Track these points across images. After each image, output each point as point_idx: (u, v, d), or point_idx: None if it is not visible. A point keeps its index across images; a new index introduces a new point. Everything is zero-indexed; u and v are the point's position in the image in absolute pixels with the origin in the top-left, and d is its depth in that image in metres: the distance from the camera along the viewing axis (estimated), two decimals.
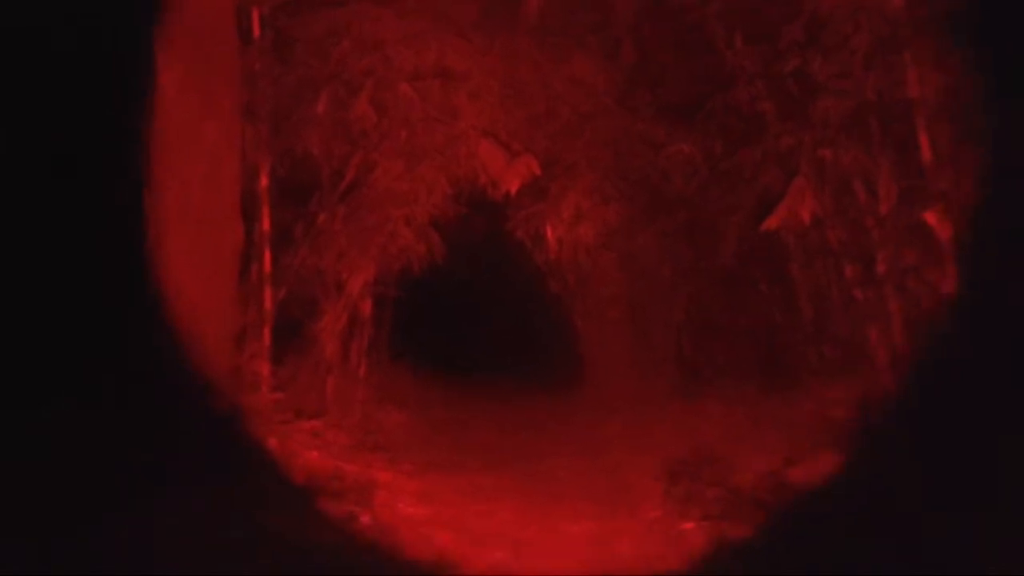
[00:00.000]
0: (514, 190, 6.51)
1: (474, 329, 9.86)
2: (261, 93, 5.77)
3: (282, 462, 4.55)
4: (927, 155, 4.84)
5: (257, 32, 5.80)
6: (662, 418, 6.43)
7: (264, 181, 5.76)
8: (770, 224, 5.53)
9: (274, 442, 4.81)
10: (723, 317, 7.32)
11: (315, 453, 5.17)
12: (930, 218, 4.77)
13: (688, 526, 4.09)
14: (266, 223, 5.76)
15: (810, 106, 5.49)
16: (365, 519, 4.08)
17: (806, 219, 5.41)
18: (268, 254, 5.79)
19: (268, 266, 5.79)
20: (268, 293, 5.78)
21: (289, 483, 4.22)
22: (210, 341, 4.33)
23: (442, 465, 5.59)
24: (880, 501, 3.36)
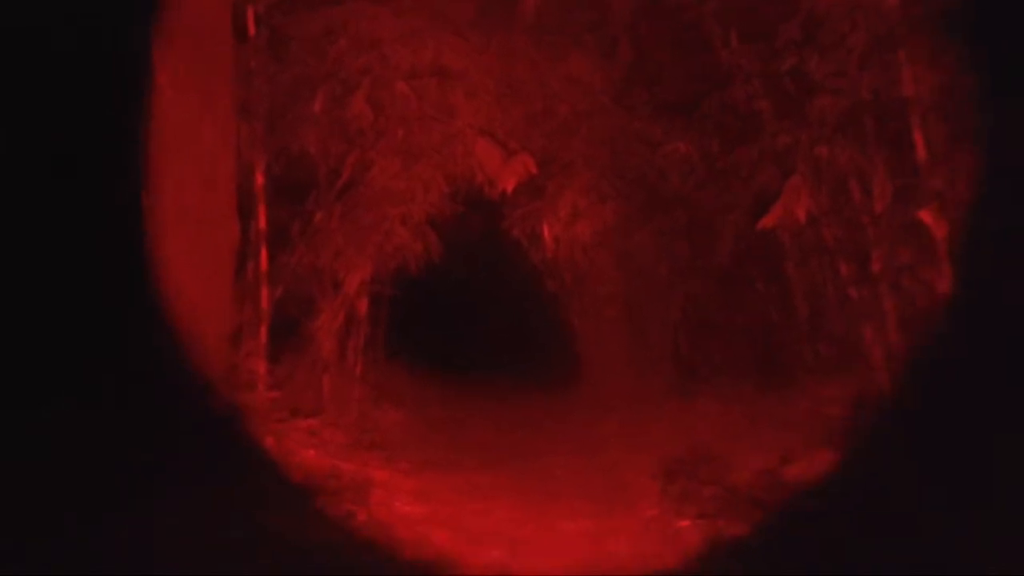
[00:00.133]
0: (511, 189, 6.51)
1: (471, 328, 9.86)
2: (257, 91, 5.77)
3: (279, 461, 4.55)
4: (922, 154, 4.85)
5: (253, 30, 5.79)
6: (659, 416, 6.44)
7: (260, 180, 5.76)
8: (766, 223, 5.55)
9: (271, 441, 4.81)
10: (719, 315, 7.33)
11: (312, 452, 5.16)
12: (925, 216, 4.78)
13: (684, 524, 4.09)
14: (262, 222, 5.77)
15: (806, 105, 5.50)
16: (362, 518, 4.08)
17: (802, 218, 5.42)
18: (264, 253, 5.79)
19: (264, 265, 5.79)
20: (265, 292, 5.78)
21: (287, 482, 4.22)
22: (206, 340, 4.33)
23: (439, 464, 5.59)
24: (876, 499, 3.36)
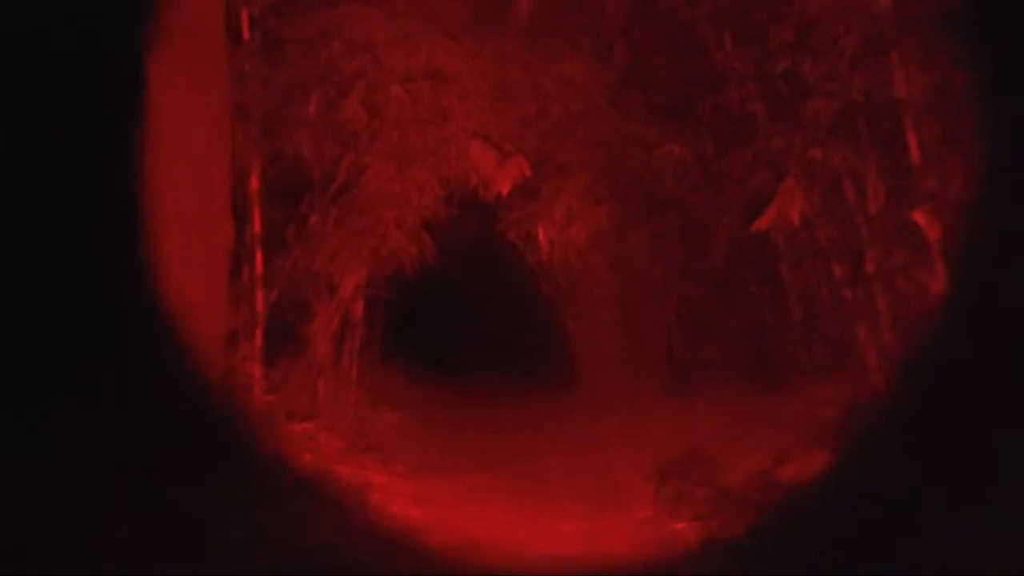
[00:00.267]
0: (505, 191, 6.52)
1: (466, 331, 9.86)
2: (251, 94, 5.77)
3: (276, 464, 4.54)
4: (915, 155, 4.87)
5: (247, 33, 5.80)
6: (653, 418, 6.44)
7: (255, 183, 5.76)
8: (760, 225, 5.55)
9: (267, 444, 4.80)
10: (714, 317, 7.35)
11: (308, 456, 5.16)
12: (919, 217, 4.79)
13: (679, 526, 4.10)
14: (257, 225, 5.76)
15: (800, 107, 5.52)
16: (359, 521, 4.08)
17: (796, 220, 5.43)
18: (260, 256, 5.79)
19: (260, 268, 5.79)
20: (260, 295, 5.78)
21: (286, 483, 4.22)
22: (202, 344, 4.33)
23: (435, 466, 5.59)
24: (872, 500, 3.37)
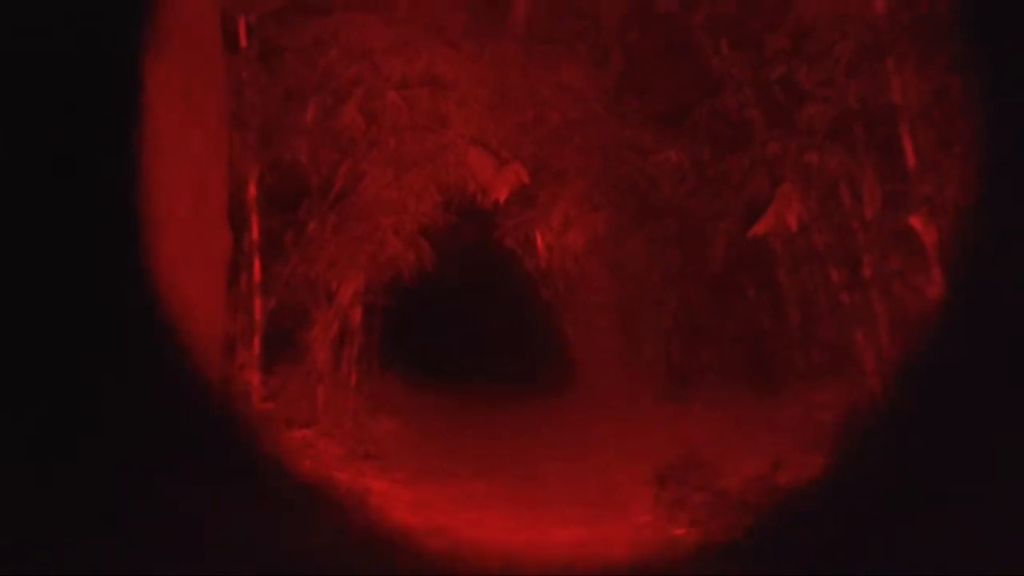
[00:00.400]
0: (503, 198, 6.53)
1: (464, 337, 9.87)
2: (248, 102, 5.78)
3: (275, 471, 4.54)
4: (911, 160, 4.89)
5: (244, 41, 5.82)
6: (651, 423, 6.45)
7: (253, 190, 5.77)
8: (757, 230, 5.57)
9: (266, 451, 4.80)
10: (711, 322, 7.36)
11: (307, 462, 5.16)
12: (915, 222, 4.81)
13: (678, 531, 4.10)
14: (255, 232, 5.77)
15: (796, 113, 5.53)
16: (358, 527, 4.08)
17: (793, 225, 5.44)
18: (258, 263, 5.79)
19: (258, 275, 5.80)
20: (258, 302, 5.78)
21: (284, 491, 4.21)
22: (200, 351, 4.32)
23: (434, 473, 5.58)
24: (867, 504, 3.38)
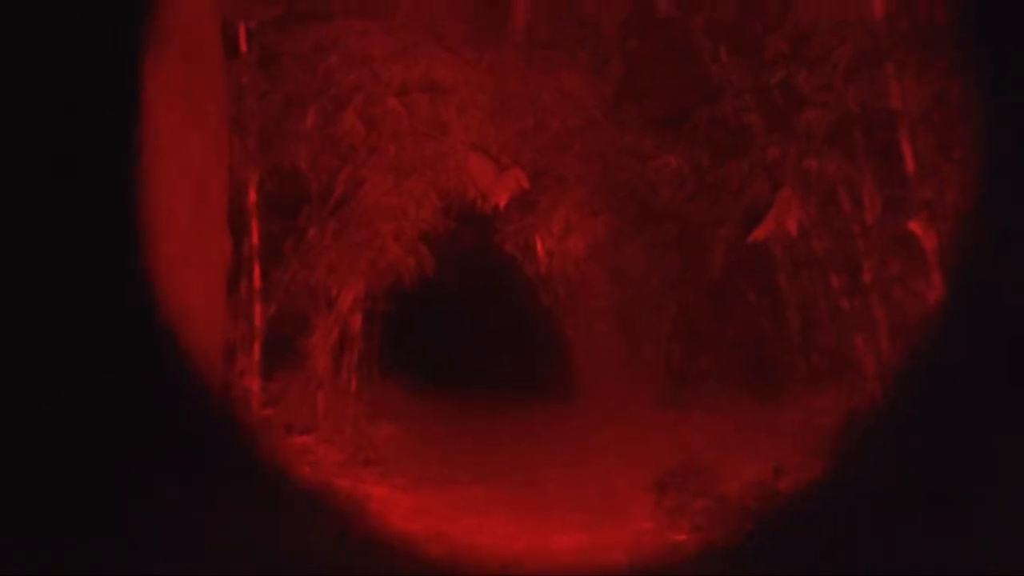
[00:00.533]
0: (503, 203, 6.53)
1: (465, 343, 9.86)
2: (248, 108, 5.79)
3: (275, 476, 4.54)
4: (911, 165, 4.89)
5: (244, 47, 5.83)
6: (652, 429, 6.44)
7: (253, 196, 5.78)
8: (757, 235, 5.57)
9: (266, 457, 4.80)
10: (711, 328, 7.36)
11: (307, 468, 5.16)
12: (915, 227, 4.81)
13: (679, 537, 4.10)
14: (255, 238, 5.78)
15: (795, 118, 5.54)
16: (358, 533, 4.07)
17: (792, 230, 5.45)
18: (258, 270, 5.80)
19: (258, 282, 5.80)
20: (258, 309, 5.79)
21: (284, 497, 4.21)
22: (200, 357, 4.32)
23: (434, 479, 5.57)
24: (869, 509, 3.37)
